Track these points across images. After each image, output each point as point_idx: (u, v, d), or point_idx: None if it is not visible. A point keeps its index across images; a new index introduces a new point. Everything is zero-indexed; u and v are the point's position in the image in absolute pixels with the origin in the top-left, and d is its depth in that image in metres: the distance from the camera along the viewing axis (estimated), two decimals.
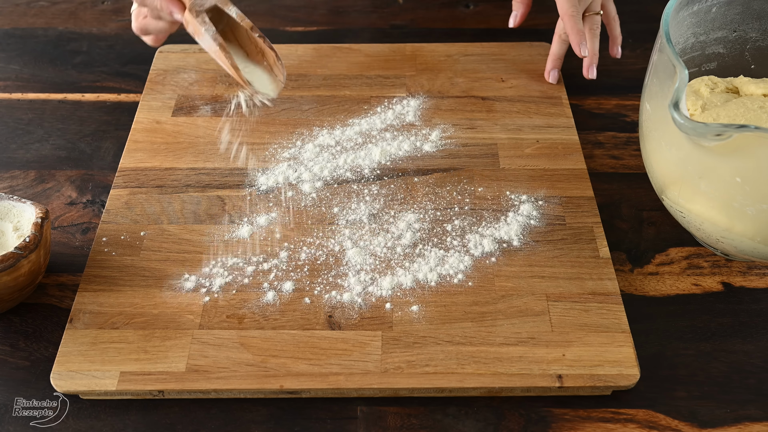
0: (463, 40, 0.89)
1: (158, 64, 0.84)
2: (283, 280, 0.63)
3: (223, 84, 0.82)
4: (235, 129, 0.76)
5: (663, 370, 0.60)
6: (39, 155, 0.77)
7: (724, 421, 0.57)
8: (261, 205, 0.69)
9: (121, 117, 0.81)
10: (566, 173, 0.72)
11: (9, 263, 0.57)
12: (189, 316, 0.61)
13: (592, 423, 0.56)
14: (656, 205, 0.71)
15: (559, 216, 0.68)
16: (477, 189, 0.71)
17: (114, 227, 0.67)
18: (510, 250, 0.65)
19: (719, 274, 0.66)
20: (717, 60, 0.70)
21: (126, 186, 0.71)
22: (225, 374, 0.57)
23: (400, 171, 0.72)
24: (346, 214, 0.69)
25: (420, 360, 0.58)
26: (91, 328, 0.60)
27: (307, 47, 0.86)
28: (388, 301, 0.62)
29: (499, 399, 0.58)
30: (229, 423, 0.57)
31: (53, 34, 0.92)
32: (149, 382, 0.56)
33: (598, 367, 0.57)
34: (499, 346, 0.58)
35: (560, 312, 0.61)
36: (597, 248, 0.65)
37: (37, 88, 0.85)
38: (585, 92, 0.83)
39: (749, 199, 0.55)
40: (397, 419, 0.57)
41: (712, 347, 0.61)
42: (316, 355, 0.58)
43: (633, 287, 0.65)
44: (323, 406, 0.57)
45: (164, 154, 0.74)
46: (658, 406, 0.57)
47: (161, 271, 0.64)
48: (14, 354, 0.61)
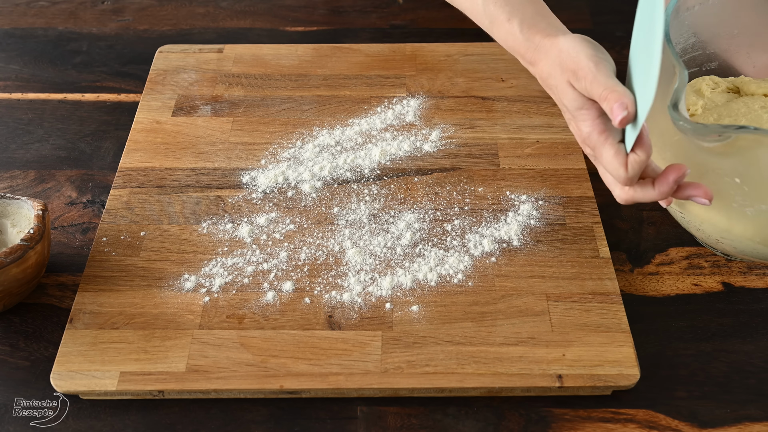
0: (463, 40, 0.89)
1: (158, 64, 0.84)
2: (283, 280, 0.63)
3: (223, 84, 0.82)
4: (236, 129, 0.76)
5: (663, 370, 0.60)
6: (39, 155, 0.77)
7: (724, 421, 0.57)
8: (261, 205, 0.69)
9: (121, 117, 0.81)
10: (566, 173, 0.72)
11: (17, 255, 0.58)
12: (189, 316, 0.60)
13: (592, 423, 0.56)
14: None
15: (559, 216, 0.68)
16: (477, 189, 0.71)
17: (114, 227, 0.67)
18: (510, 250, 0.65)
19: (719, 274, 0.66)
20: (718, 60, 0.70)
21: (126, 186, 0.71)
22: (225, 374, 0.57)
23: (400, 171, 0.72)
24: (346, 214, 0.69)
25: (420, 360, 0.58)
26: (91, 328, 0.60)
27: (307, 47, 0.86)
28: (388, 301, 0.62)
29: (499, 399, 0.58)
30: (229, 423, 0.57)
31: (53, 34, 0.92)
32: (149, 382, 0.56)
33: (598, 367, 0.57)
34: (499, 346, 0.58)
35: (560, 312, 0.61)
36: (597, 248, 0.65)
37: (37, 88, 0.85)
38: None
39: (748, 200, 0.55)
40: (397, 419, 0.57)
41: (712, 347, 0.61)
42: (316, 355, 0.58)
43: (633, 287, 0.65)
44: (323, 406, 0.57)
45: (164, 154, 0.74)
46: (658, 406, 0.57)
47: (161, 271, 0.64)
48: (14, 354, 0.61)
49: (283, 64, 0.84)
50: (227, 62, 0.84)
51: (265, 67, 0.84)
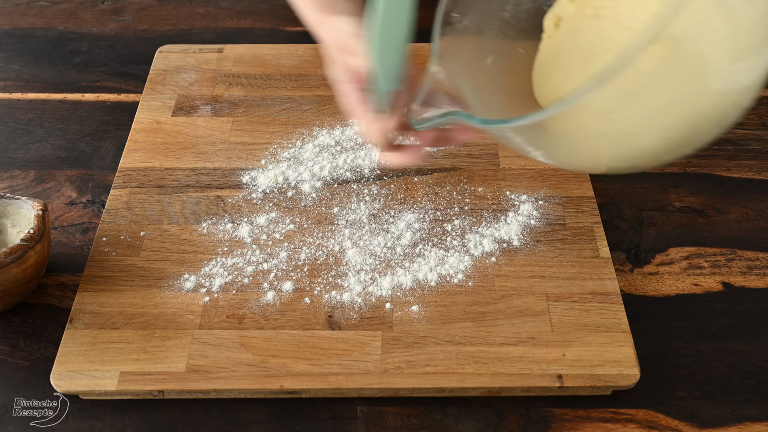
0: None
1: (158, 64, 0.84)
2: (283, 280, 0.63)
3: (223, 84, 0.82)
4: (236, 129, 0.76)
5: (663, 370, 0.60)
6: (39, 155, 0.77)
7: (724, 421, 0.57)
8: (261, 205, 0.69)
9: (121, 117, 0.81)
10: (566, 173, 0.72)
11: (17, 255, 0.58)
12: (189, 316, 0.60)
13: (592, 423, 0.56)
14: (656, 205, 0.71)
15: (559, 216, 0.68)
16: (477, 189, 0.71)
17: (114, 227, 0.67)
18: (510, 250, 0.65)
19: (719, 274, 0.66)
20: None
21: (126, 186, 0.71)
22: (225, 374, 0.57)
23: (400, 171, 0.72)
24: (346, 214, 0.69)
25: (420, 360, 0.58)
26: (91, 328, 0.60)
27: (307, 47, 0.86)
28: (388, 301, 0.62)
29: (499, 399, 0.58)
30: (229, 423, 0.57)
31: (53, 34, 0.92)
32: (149, 382, 0.56)
33: (598, 367, 0.57)
34: (499, 346, 0.58)
35: (560, 312, 0.61)
36: (597, 248, 0.65)
37: (37, 88, 0.85)
38: None
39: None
40: (397, 419, 0.57)
41: (712, 347, 0.61)
42: (316, 355, 0.58)
43: (633, 287, 0.65)
44: (323, 406, 0.57)
45: (164, 154, 0.74)
46: (658, 406, 0.57)
47: (161, 271, 0.64)
48: (14, 354, 0.61)
49: (283, 64, 0.84)
50: (227, 62, 0.84)
51: (265, 67, 0.84)
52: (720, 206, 0.72)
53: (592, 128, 0.47)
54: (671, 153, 0.50)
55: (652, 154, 0.49)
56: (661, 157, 0.50)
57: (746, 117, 0.81)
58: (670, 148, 0.49)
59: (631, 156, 0.49)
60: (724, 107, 0.47)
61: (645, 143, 0.48)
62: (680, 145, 0.49)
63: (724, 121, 0.48)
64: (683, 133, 0.47)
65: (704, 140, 0.48)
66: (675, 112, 0.46)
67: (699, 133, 0.48)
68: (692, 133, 0.47)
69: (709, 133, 0.48)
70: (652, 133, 0.47)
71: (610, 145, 0.49)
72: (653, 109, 0.46)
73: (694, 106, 0.46)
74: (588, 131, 0.48)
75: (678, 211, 0.71)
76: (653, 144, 0.48)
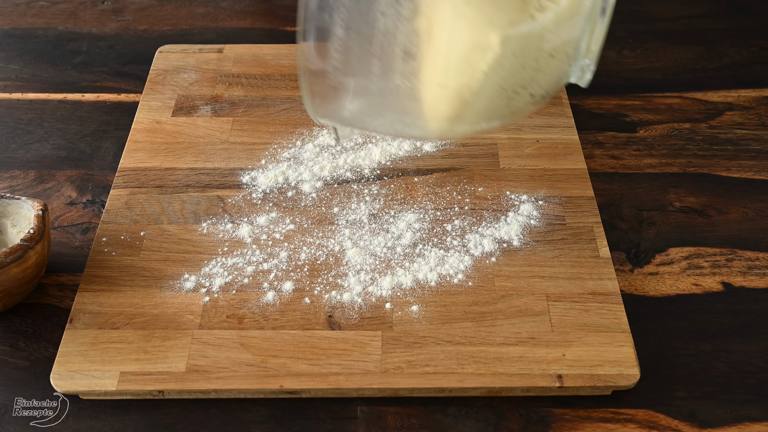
0: None
1: (158, 64, 0.84)
2: (283, 280, 0.63)
3: (223, 84, 0.82)
4: (236, 129, 0.76)
5: (663, 370, 0.60)
6: (39, 155, 0.77)
7: (724, 421, 0.57)
8: (261, 205, 0.69)
9: (121, 117, 0.81)
10: (566, 173, 0.72)
11: (17, 255, 0.58)
12: (189, 316, 0.61)
13: (592, 423, 0.56)
14: (656, 205, 0.71)
15: (559, 216, 0.68)
16: (477, 189, 0.71)
17: (114, 227, 0.67)
18: (510, 250, 0.65)
19: (719, 274, 0.66)
20: None
21: (126, 186, 0.71)
22: (225, 374, 0.57)
23: (400, 171, 0.72)
24: (346, 214, 0.69)
25: (420, 360, 0.58)
26: (91, 328, 0.60)
27: None
28: (388, 301, 0.62)
29: (499, 399, 0.58)
30: (229, 423, 0.57)
31: (53, 34, 0.92)
32: (149, 382, 0.56)
33: (598, 367, 0.57)
34: (499, 346, 0.58)
35: (560, 312, 0.61)
36: (597, 248, 0.65)
37: (37, 88, 0.85)
38: (585, 92, 0.83)
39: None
40: (397, 419, 0.57)
41: (712, 347, 0.61)
42: (316, 355, 0.58)
43: (633, 287, 0.65)
44: (323, 406, 0.57)
45: (164, 154, 0.74)
46: (658, 406, 0.57)
47: (161, 271, 0.64)
48: (14, 354, 0.61)
49: (283, 64, 0.84)
50: (227, 62, 0.84)
51: (265, 67, 0.84)
52: (720, 206, 0.72)
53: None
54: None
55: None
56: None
57: (746, 117, 0.81)
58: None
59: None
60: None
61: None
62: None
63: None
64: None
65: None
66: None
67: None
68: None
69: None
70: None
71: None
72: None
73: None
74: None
75: (678, 211, 0.71)
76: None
